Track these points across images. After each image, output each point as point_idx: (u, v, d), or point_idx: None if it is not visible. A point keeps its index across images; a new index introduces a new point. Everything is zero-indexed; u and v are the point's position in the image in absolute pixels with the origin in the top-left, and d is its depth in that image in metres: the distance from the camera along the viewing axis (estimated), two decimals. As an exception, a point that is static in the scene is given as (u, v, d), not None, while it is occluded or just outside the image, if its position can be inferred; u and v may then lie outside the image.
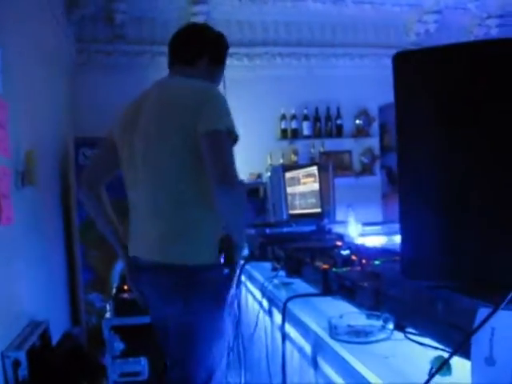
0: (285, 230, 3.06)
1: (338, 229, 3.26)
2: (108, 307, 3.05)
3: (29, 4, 3.64)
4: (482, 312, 1.08)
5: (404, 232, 1.36)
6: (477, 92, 1.23)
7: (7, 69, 2.90)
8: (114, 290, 3.18)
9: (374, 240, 3.40)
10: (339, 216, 3.92)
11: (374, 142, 6.02)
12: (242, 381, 2.86)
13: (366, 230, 3.60)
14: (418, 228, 1.33)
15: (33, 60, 3.72)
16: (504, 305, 1.05)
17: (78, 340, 3.87)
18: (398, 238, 2.78)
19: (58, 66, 4.58)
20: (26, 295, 3.34)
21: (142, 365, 2.92)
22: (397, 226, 2.07)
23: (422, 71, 1.30)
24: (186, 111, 2.02)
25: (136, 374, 2.92)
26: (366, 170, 5.96)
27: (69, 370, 3.17)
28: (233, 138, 2.02)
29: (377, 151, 6.03)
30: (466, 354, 1.15)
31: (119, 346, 2.92)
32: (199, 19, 5.24)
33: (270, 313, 2.31)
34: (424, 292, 1.37)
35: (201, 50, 2.26)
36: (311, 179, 3.15)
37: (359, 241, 3.14)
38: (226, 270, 2.12)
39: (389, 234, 3.85)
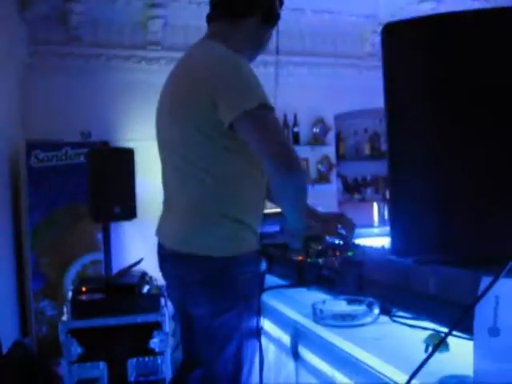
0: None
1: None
2: (65, 309, 2.91)
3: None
4: (485, 281, 1.06)
5: (395, 208, 1.32)
6: (471, 64, 1.21)
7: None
8: (69, 293, 3.04)
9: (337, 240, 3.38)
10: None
11: (330, 151, 6.04)
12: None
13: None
14: (410, 203, 1.29)
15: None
16: (506, 272, 1.03)
17: (29, 349, 3.69)
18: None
19: (9, 67, 4.41)
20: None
21: (100, 369, 2.79)
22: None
23: (412, 42, 1.28)
24: (197, 95, 1.69)
25: (95, 380, 2.79)
26: (323, 178, 5.97)
27: (21, 379, 3.01)
28: (269, 109, 1.65)
29: (333, 160, 6.06)
30: (464, 328, 1.12)
31: (76, 350, 2.78)
32: (156, 23, 5.18)
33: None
34: (414, 270, 1.34)
35: (253, 1, 1.83)
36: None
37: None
38: (263, 266, 1.86)
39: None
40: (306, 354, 1.56)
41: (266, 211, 3.30)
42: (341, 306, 1.52)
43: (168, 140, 1.87)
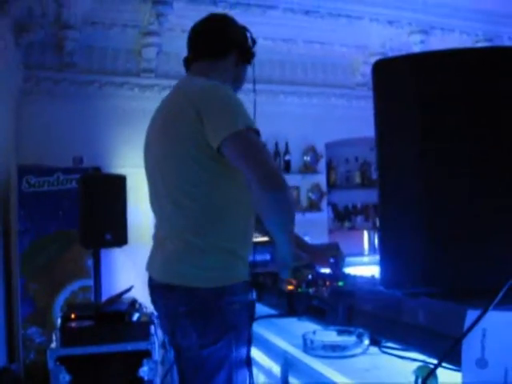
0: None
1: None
2: (54, 337, 2.89)
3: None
4: (471, 314, 1.08)
5: (384, 243, 1.35)
6: (455, 99, 1.25)
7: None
8: (58, 320, 3.02)
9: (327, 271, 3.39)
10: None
11: (321, 179, 6.08)
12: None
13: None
14: (398, 238, 1.32)
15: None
16: (493, 306, 1.05)
17: (17, 375, 3.65)
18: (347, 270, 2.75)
19: (3, 91, 4.44)
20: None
21: (89, 398, 2.78)
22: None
23: (400, 78, 1.32)
24: (187, 120, 1.75)
25: (83, 408, 2.77)
26: (313, 206, 6.00)
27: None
28: (255, 132, 1.71)
29: (324, 188, 6.09)
30: (452, 360, 1.13)
31: (65, 378, 2.76)
32: (151, 51, 5.24)
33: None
34: (404, 302, 1.35)
35: (230, 42, 1.98)
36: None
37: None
38: (253, 295, 1.87)
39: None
40: (296, 384, 1.57)
41: (257, 240, 3.32)
42: (331, 336, 1.53)
43: (156, 168, 1.89)
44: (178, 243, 1.80)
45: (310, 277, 2.11)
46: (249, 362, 1.80)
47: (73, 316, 2.93)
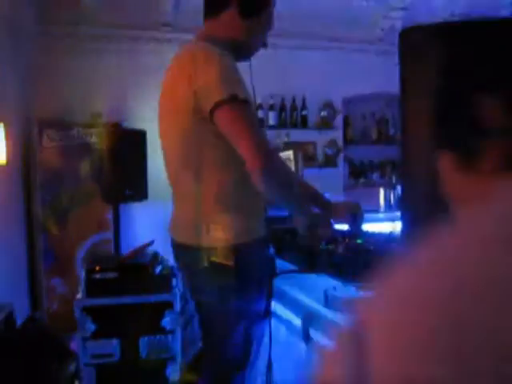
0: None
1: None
2: (79, 288, 3.00)
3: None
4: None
5: (405, 197, 1.38)
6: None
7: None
8: (83, 272, 3.12)
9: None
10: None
11: (337, 135, 6.08)
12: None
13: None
14: (420, 193, 1.35)
15: None
16: None
17: (43, 323, 3.79)
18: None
19: (21, 47, 4.45)
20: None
21: (113, 346, 2.89)
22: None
23: (428, 47, 1.33)
24: (181, 89, 1.77)
25: (108, 356, 2.89)
26: (330, 161, 6.01)
27: (36, 353, 3.10)
28: (241, 101, 1.68)
29: (340, 143, 6.09)
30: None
31: (90, 327, 2.87)
32: (168, 4, 5.19)
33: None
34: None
35: None
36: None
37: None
38: (270, 251, 1.91)
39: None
40: (317, 337, 1.63)
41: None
42: (351, 292, 1.58)
43: (167, 132, 1.95)
44: (192, 206, 1.87)
45: (329, 233, 2.16)
46: (268, 316, 1.88)
47: (97, 268, 3.02)
